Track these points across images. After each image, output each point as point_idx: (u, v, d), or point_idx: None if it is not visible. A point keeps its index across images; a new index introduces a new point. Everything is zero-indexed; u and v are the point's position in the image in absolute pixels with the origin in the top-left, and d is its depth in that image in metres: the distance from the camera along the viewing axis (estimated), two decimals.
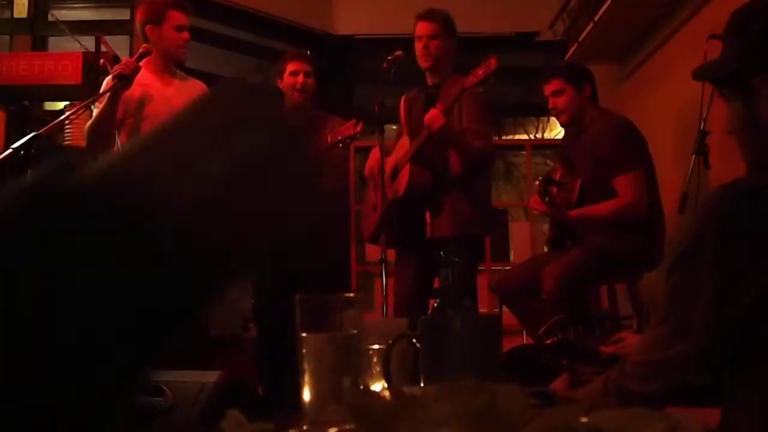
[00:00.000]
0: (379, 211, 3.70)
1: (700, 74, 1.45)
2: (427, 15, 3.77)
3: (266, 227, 0.44)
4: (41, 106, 5.19)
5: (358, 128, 3.67)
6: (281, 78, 3.94)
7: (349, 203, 6.23)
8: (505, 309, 3.93)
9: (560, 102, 3.68)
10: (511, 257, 6.53)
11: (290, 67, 3.91)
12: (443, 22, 3.75)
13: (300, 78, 3.89)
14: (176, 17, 3.53)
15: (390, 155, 3.84)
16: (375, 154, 3.97)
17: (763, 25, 1.28)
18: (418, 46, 3.76)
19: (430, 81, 3.86)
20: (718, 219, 1.11)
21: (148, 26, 3.55)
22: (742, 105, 1.29)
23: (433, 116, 3.48)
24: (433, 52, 3.73)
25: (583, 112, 3.67)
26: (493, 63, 3.38)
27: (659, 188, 3.62)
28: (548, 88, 3.72)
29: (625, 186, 3.48)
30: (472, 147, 3.62)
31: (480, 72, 3.42)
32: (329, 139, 3.68)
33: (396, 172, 3.76)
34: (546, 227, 4.32)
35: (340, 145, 3.70)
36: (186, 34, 3.57)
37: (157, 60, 3.55)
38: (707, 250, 1.10)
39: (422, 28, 3.75)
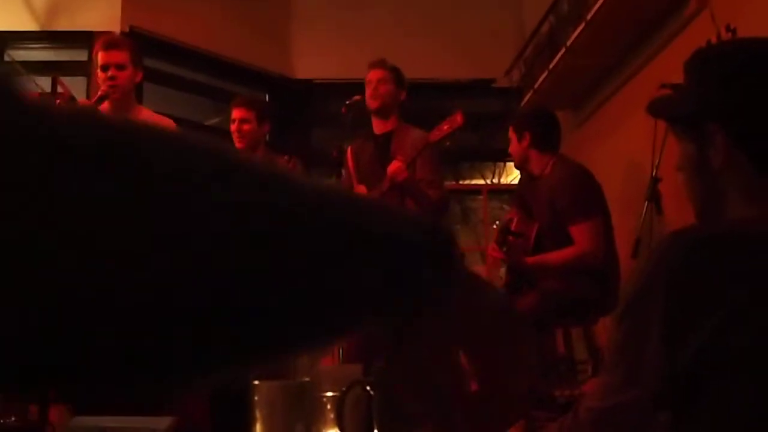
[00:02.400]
0: None
1: (655, 110, 1.44)
2: (378, 63, 3.90)
3: None
4: None
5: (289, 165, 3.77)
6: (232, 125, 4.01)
7: None
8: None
9: (510, 148, 3.84)
10: None
11: (232, 115, 4.02)
12: (392, 70, 3.88)
13: (235, 126, 3.98)
14: (100, 57, 3.54)
15: None
16: None
17: (723, 70, 1.28)
18: (368, 90, 3.85)
19: (377, 129, 3.90)
20: (667, 267, 1.13)
21: (95, 71, 3.60)
22: (694, 148, 1.29)
23: (397, 169, 3.52)
24: (382, 93, 3.82)
25: (526, 160, 3.76)
26: (459, 118, 3.42)
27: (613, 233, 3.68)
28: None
29: (582, 234, 3.52)
30: (430, 197, 3.65)
31: (445, 127, 3.46)
32: None
33: None
34: (502, 272, 4.34)
35: None
36: (110, 72, 3.50)
37: (111, 102, 3.54)
38: (656, 298, 1.10)
39: (373, 74, 3.87)
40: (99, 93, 3.47)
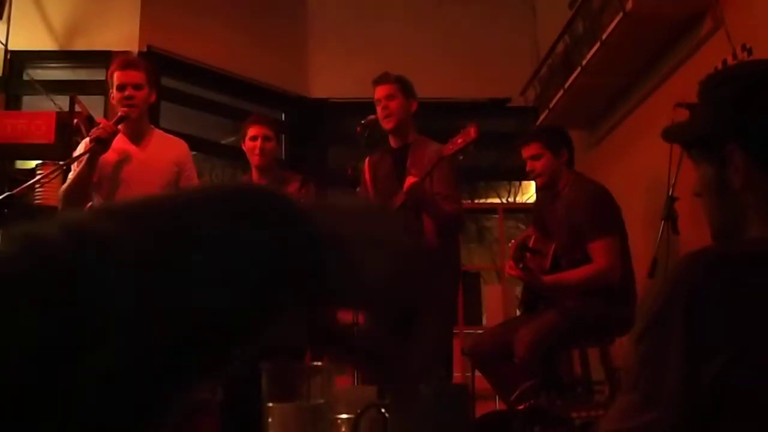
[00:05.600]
0: None
1: (670, 136, 1.44)
2: (381, 79, 3.84)
3: None
4: (12, 163, 5.16)
5: (303, 192, 3.74)
6: (244, 141, 3.97)
7: None
8: (477, 373, 3.90)
9: (538, 166, 3.73)
10: (484, 320, 6.52)
11: (250, 132, 3.96)
12: (397, 82, 3.81)
13: (258, 143, 3.93)
14: (116, 76, 3.56)
15: None
16: None
17: (736, 91, 1.28)
18: (379, 109, 3.81)
19: (394, 144, 3.88)
20: (686, 287, 1.12)
21: (110, 92, 3.60)
22: (713, 170, 1.29)
23: (412, 184, 3.49)
24: (393, 110, 3.77)
25: (559, 177, 3.72)
26: (472, 132, 3.39)
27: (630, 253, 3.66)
28: (526, 152, 3.76)
29: (599, 252, 3.50)
30: (446, 211, 3.64)
31: (459, 140, 3.43)
32: None
33: None
34: (519, 290, 4.32)
35: None
36: (127, 92, 3.52)
37: (126, 123, 3.55)
38: (676, 319, 1.10)
39: (379, 92, 3.82)
40: (119, 114, 3.49)
